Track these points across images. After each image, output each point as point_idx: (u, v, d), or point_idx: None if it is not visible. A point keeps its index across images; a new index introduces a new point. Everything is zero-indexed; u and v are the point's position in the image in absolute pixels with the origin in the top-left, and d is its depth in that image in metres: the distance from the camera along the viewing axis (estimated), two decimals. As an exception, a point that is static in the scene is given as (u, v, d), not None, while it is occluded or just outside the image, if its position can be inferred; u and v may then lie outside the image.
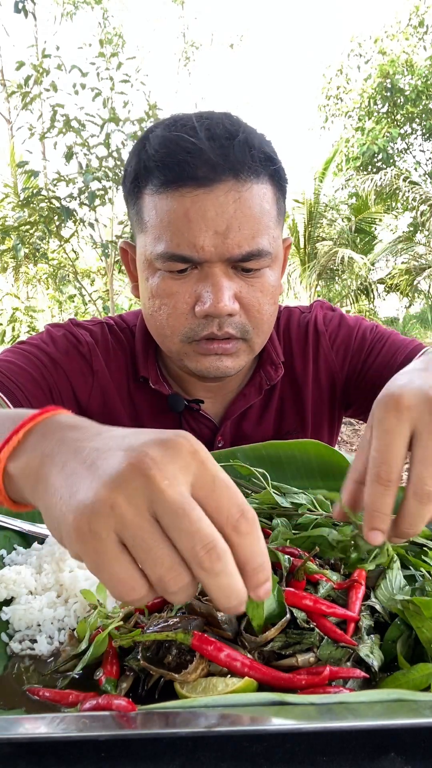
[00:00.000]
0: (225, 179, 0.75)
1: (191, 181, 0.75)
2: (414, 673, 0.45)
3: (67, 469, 0.39)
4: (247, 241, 0.77)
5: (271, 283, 0.84)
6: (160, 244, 0.78)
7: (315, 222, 11.43)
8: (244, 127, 0.79)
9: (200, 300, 0.80)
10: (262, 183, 0.79)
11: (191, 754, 0.41)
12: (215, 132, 0.76)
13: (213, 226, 0.75)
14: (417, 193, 10.71)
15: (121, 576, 0.36)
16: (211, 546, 0.35)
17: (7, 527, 0.74)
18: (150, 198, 0.79)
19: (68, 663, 0.52)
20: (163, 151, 0.77)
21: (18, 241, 5.43)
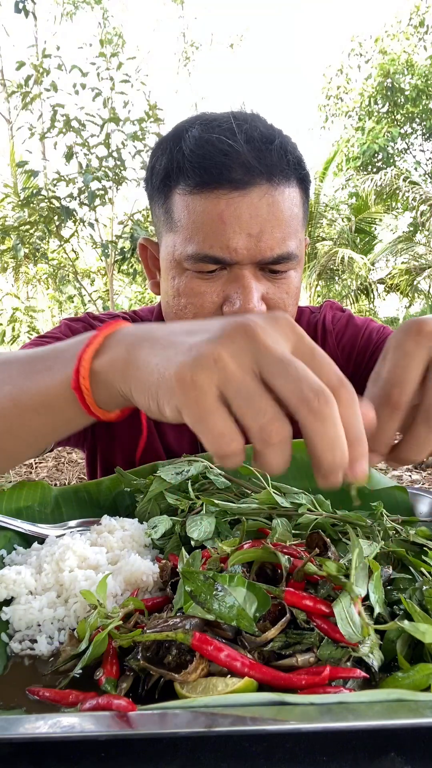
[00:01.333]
0: (259, 183, 0.76)
1: (227, 183, 0.75)
2: (414, 673, 0.45)
3: (160, 342, 0.41)
4: (278, 244, 0.78)
5: (296, 284, 0.86)
6: (192, 245, 0.78)
7: (315, 222, 11.43)
8: (278, 132, 0.81)
9: (229, 300, 0.80)
10: (292, 187, 0.80)
11: (191, 754, 0.41)
12: (253, 135, 0.77)
13: (247, 228, 0.76)
14: (417, 193, 10.71)
15: (220, 427, 0.36)
16: (320, 390, 0.35)
17: (7, 527, 0.74)
18: (182, 198, 0.79)
19: (68, 663, 0.52)
20: (200, 152, 0.77)
21: (18, 241, 5.44)
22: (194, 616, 0.48)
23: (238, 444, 0.37)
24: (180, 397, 0.36)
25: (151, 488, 0.76)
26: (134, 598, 0.58)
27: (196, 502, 0.74)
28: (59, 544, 0.67)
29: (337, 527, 0.72)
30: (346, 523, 0.72)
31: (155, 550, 0.72)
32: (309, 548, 0.62)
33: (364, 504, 0.79)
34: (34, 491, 0.82)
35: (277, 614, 0.51)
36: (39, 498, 0.82)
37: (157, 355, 0.40)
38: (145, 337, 0.43)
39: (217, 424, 0.36)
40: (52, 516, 0.82)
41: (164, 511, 0.77)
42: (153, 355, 0.40)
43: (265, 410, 0.36)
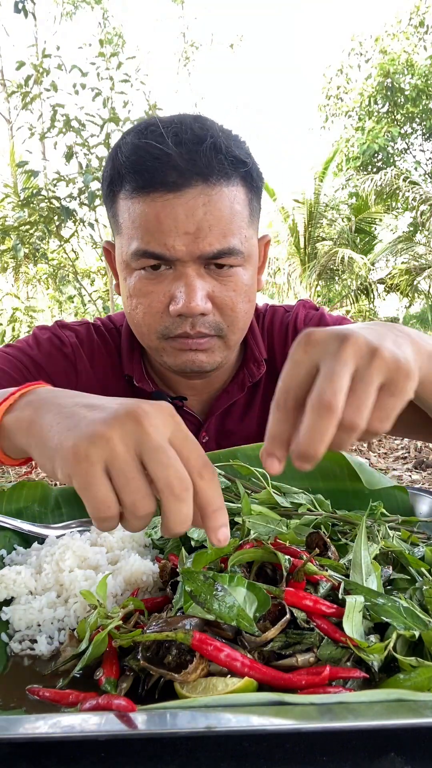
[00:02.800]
0: (194, 183, 0.77)
1: (161, 186, 0.77)
2: (416, 675, 0.45)
3: (63, 412, 0.47)
4: (218, 240, 0.79)
5: (245, 281, 0.86)
6: (134, 243, 0.81)
7: (315, 222, 11.43)
8: (213, 131, 0.80)
9: (174, 300, 0.82)
10: (233, 185, 0.80)
11: (191, 754, 0.41)
12: (183, 138, 0.78)
13: (183, 227, 0.78)
14: (417, 193, 10.70)
15: (102, 496, 0.42)
16: (183, 478, 0.43)
17: (7, 527, 0.74)
18: (123, 202, 0.82)
19: (68, 663, 0.52)
20: (134, 158, 0.79)
21: (18, 241, 5.44)
22: (194, 616, 0.48)
23: (114, 511, 0.43)
24: (72, 466, 0.42)
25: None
26: (134, 598, 0.58)
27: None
28: (59, 544, 0.67)
29: (337, 527, 0.72)
30: (347, 523, 0.72)
31: (155, 550, 0.72)
32: (309, 548, 0.62)
33: (364, 504, 0.79)
34: (34, 491, 0.82)
35: (277, 614, 0.51)
36: (39, 498, 0.82)
37: (59, 423, 0.46)
38: (52, 403, 0.50)
39: (99, 492, 0.42)
40: (52, 516, 0.82)
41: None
42: (55, 423, 0.46)
43: (139, 488, 0.43)
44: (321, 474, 0.86)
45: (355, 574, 0.56)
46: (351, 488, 0.84)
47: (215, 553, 0.56)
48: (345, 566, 0.59)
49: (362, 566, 0.56)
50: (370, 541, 0.62)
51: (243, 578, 0.51)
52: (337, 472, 0.85)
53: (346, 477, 0.84)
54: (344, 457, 0.83)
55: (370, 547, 0.59)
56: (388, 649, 0.47)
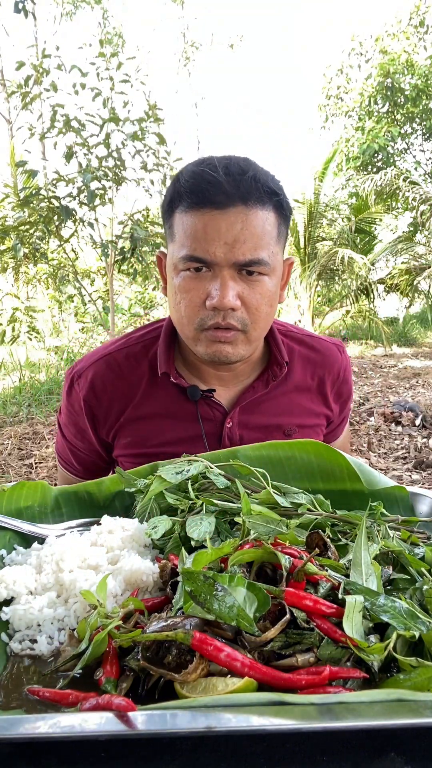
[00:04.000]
0: (236, 204, 0.97)
1: (210, 204, 0.97)
2: (416, 675, 0.45)
3: None
4: (249, 251, 0.98)
5: (269, 288, 1.04)
6: (183, 249, 1.00)
7: (315, 222, 11.42)
8: (254, 167, 1.02)
9: (210, 296, 1.00)
10: (267, 210, 1.00)
11: (191, 754, 0.41)
12: (231, 169, 0.99)
13: (224, 238, 0.97)
14: (417, 193, 10.69)
15: None
16: None
17: (7, 527, 0.74)
18: (179, 216, 1.02)
19: (68, 663, 0.52)
20: (192, 181, 0.99)
21: (18, 241, 5.43)
22: (194, 616, 0.48)
23: None
24: None
25: (151, 488, 0.76)
26: (134, 598, 0.58)
27: (196, 502, 0.74)
28: (59, 544, 0.67)
29: (337, 527, 0.72)
30: (347, 523, 0.72)
31: (155, 550, 0.72)
32: (309, 548, 0.62)
33: (364, 504, 0.79)
34: (34, 491, 0.82)
35: (277, 614, 0.51)
36: (39, 498, 0.82)
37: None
38: None
39: None
40: (52, 516, 0.82)
41: (164, 511, 0.77)
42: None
43: None
44: (321, 474, 0.86)
45: (355, 574, 0.56)
46: (351, 488, 0.84)
47: (215, 553, 0.56)
48: (345, 566, 0.59)
49: (362, 566, 0.56)
50: (370, 541, 0.62)
51: (243, 578, 0.51)
52: (337, 472, 0.85)
53: (346, 477, 0.84)
54: (344, 457, 0.83)
55: (370, 547, 0.59)
56: (388, 649, 0.47)
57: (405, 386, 7.02)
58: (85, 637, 0.52)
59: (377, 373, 7.67)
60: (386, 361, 8.96)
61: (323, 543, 0.62)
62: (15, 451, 4.49)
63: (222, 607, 0.48)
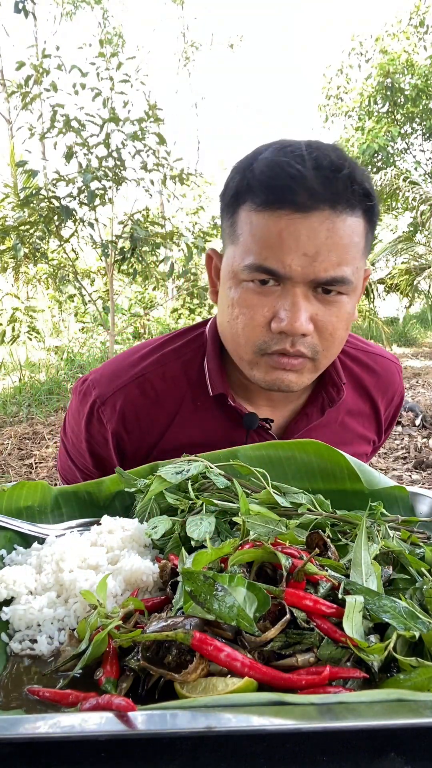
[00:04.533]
0: (322, 208, 0.78)
1: (290, 205, 0.78)
2: (416, 675, 0.45)
3: None
4: (333, 267, 0.81)
5: (347, 310, 0.88)
6: (249, 256, 0.83)
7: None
8: (349, 162, 0.82)
9: (277, 316, 0.83)
10: (356, 216, 0.82)
11: (191, 754, 0.41)
12: (322, 163, 0.79)
13: (303, 248, 0.79)
14: (417, 193, 10.69)
15: None
16: None
17: (7, 527, 0.74)
18: (247, 214, 0.83)
19: (68, 663, 0.52)
20: (269, 173, 0.80)
21: (18, 241, 5.43)
22: (194, 616, 0.48)
23: None
24: None
25: (151, 488, 0.76)
26: (134, 598, 0.58)
27: (196, 502, 0.74)
28: (59, 544, 0.67)
29: (337, 527, 0.72)
30: (347, 523, 0.72)
31: (155, 550, 0.71)
32: (309, 548, 0.62)
33: (364, 504, 0.79)
34: (34, 491, 0.82)
35: (277, 614, 0.51)
36: (39, 498, 0.82)
37: None
38: None
39: None
40: (52, 516, 0.82)
41: (164, 511, 0.77)
42: None
43: None
44: (321, 474, 0.86)
45: (355, 574, 0.56)
46: (351, 488, 0.84)
47: (215, 553, 0.56)
48: (345, 566, 0.59)
49: (362, 566, 0.56)
50: (370, 541, 0.62)
51: (243, 578, 0.51)
52: (337, 472, 0.85)
53: (346, 477, 0.84)
54: (344, 457, 0.83)
55: (370, 547, 0.59)
56: (388, 649, 0.47)
57: (405, 386, 7.02)
58: (85, 637, 0.52)
59: (377, 373, 7.65)
60: (386, 361, 8.94)
61: (323, 543, 0.62)
62: (15, 451, 4.49)
63: (222, 607, 0.48)
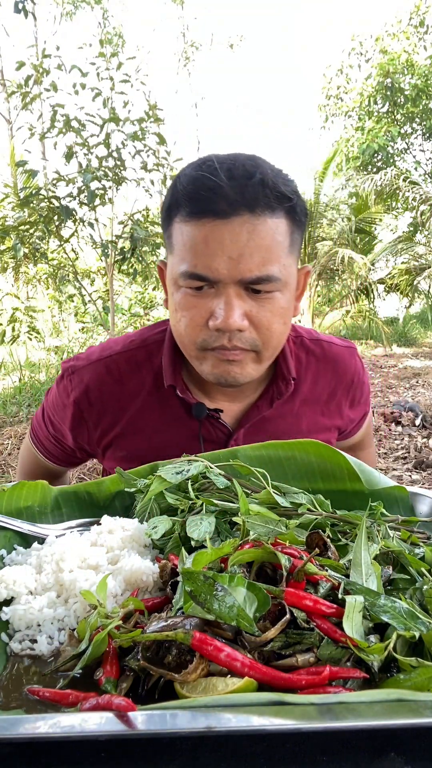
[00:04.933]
0: (241, 213, 0.85)
1: (211, 213, 0.86)
2: (416, 675, 0.45)
3: None
4: (258, 267, 0.87)
5: (282, 305, 0.93)
6: (183, 264, 0.90)
7: (315, 222, 11.42)
8: (263, 169, 0.89)
9: (213, 315, 0.91)
10: (277, 218, 0.88)
11: (191, 754, 0.41)
12: (235, 173, 0.87)
13: (227, 252, 0.86)
14: (417, 193, 10.69)
15: None
16: None
17: (7, 527, 0.74)
18: (178, 225, 0.92)
19: (68, 663, 0.52)
20: (190, 188, 0.89)
21: (18, 241, 5.43)
22: (194, 616, 0.48)
23: None
24: None
25: (151, 488, 0.76)
26: (134, 598, 0.58)
27: (196, 502, 0.74)
28: (59, 544, 0.67)
29: (337, 527, 0.72)
30: (347, 523, 0.72)
31: (155, 550, 0.72)
32: (309, 548, 0.62)
33: (364, 504, 0.79)
34: (34, 491, 0.82)
35: (277, 614, 0.51)
36: (39, 498, 0.82)
37: None
38: None
39: None
40: (52, 516, 0.82)
41: (164, 511, 0.77)
42: None
43: None
44: (321, 474, 0.86)
45: (355, 574, 0.56)
46: (351, 488, 0.84)
47: (215, 553, 0.57)
48: (345, 566, 0.59)
49: (362, 566, 0.56)
50: (370, 541, 0.62)
51: (243, 578, 0.51)
52: (337, 472, 0.85)
53: (346, 477, 0.84)
54: (344, 457, 0.83)
55: (370, 548, 0.59)
56: (388, 649, 0.47)
57: (405, 386, 7.02)
58: (85, 637, 0.52)
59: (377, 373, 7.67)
60: (386, 361, 8.96)
61: (323, 543, 0.62)
62: (15, 451, 4.49)
63: (222, 607, 0.48)
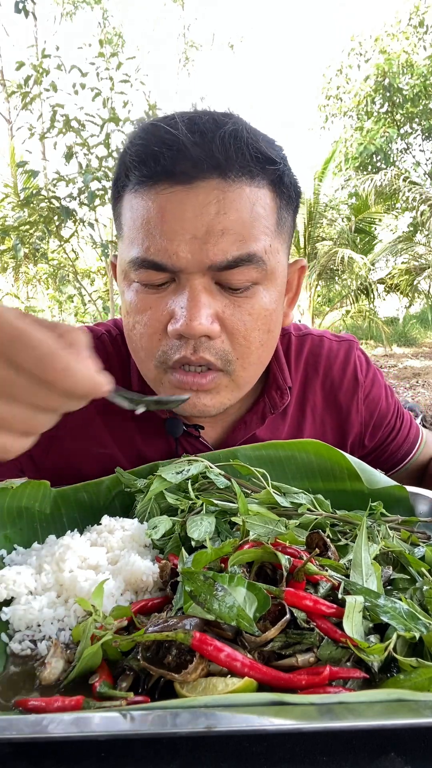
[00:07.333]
0: (208, 177, 0.64)
1: (167, 176, 0.65)
2: (416, 675, 0.45)
3: None
4: (233, 245, 0.66)
5: (264, 304, 0.71)
6: (134, 248, 0.68)
7: (315, 222, 11.44)
8: (235, 120, 0.67)
9: (174, 317, 0.68)
10: (258, 186, 0.67)
11: (191, 754, 0.41)
12: (198, 124, 0.65)
13: (191, 229, 0.64)
14: (417, 193, 10.70)
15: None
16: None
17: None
18: (128, 198, 0.70)
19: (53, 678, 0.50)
20: (139, 143, 0.67)
21: (18, 241, 5.44)
22: (194, 616, 0.48)
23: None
24: None
25: (151, 488, 0.76)
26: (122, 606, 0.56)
27: (196, 502, 0.74)
28: (59, 544, 0.67)
29: (337, 527, 0.72)
30: (347, 523, 0.72)
31: (155, 550, 0.71)
32: (309, 548, 0.62)
33: (364, 504, 0.79)
34: (37, 491, 0.82)
35: (277, 614, 0.51)
36: (40, 498, 0.82)
37: None
38: None
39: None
40: (51, 516, 0.82)
41: (164, 511, 0.77)
42: None
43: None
44: (321, 474, 0.86)
45: (355, 575, 0.56)
46: (351, 488, 0.84)
47: (215, 553, 0.56)
48: (345, 566, 0.59)
49: (362, 566, 0.56)
50: (371, 541, 0.62)
51: (243, 578, 0.51)
52: (337, 472, 0.85)
53: (346, 477, 0.84)
54: (344, 457, 0.83)
55: (371, 548, 0.59)
56: (388, 649, 0.47)
57: (405, 386, 7.02)
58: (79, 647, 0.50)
59: (377, 373, 7.67)
60: (386, 361, 8.97)
61: (323, 543, 0.62)
62: (15, 451, 4.49)
63: (222, 607, 0.48)
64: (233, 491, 0.78)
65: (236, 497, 0.76)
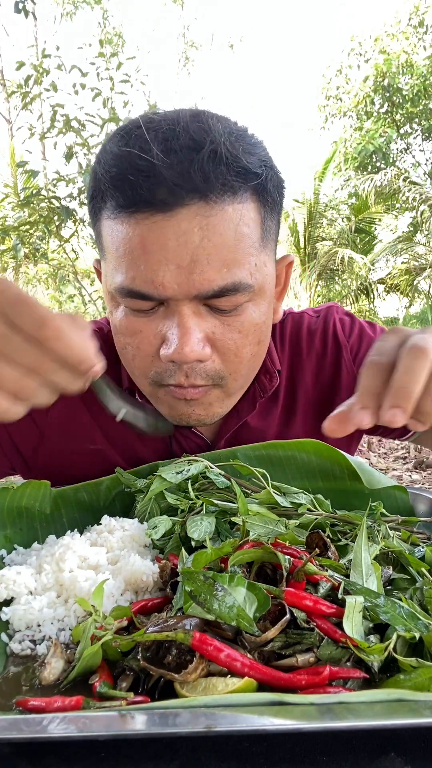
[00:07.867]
0: (189, 202, 0.62)
1: (146, 205, 0.63)
2: (417, 675, 0.45)
3: None
4: (219, 275, 0.65)
5: (254, 320, 0.71)
6: (118, 275, 0.68)
7: (315, 222, 11.43)
8: (214, 134, 0.63)
9: (166, 341, 0.69)
10: (241, 201, 0.65)
11: (191, 754, 0.41)
12: (174, 145, 0.62)
13: (174, 259, 0.63)
14: (417, 193, 10.70)
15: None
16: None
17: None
18: (106, 222, 0.69)
19: (60, 674, 0.51)
20: (114, 171, 0.65)
21: (18, 241, 5.44)
22: (194, 616, 0.48)
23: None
24: None
25: (151, 488, 0.76)
26: (122, 606, 0.56)
27: (196, 502, 0.74)
28: (59, 544, 0.67)
29: (337, 527, 0.72)
30: (347, 523, 0.72)
31: (155, 550, 0.71)
32: (309, 548, 0.62)
33: (363, 504, 0.79)
34: (37, 491, 0.82)
35: (277, 614, 0.51)
36: (40, 498, 0.82)
37: None
38: None
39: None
40: (51, 516, 0.82)
41: (164, 511, 0.77)
42: None
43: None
44: (321, 474, 0.86)
45: (355, 575, 0.56)
46: (351, 488, 0.84)
47: (215, 553, 0.56)
48: (345, 566, 0.59)
49: (362, 566, 0.56)
50: (371, 541, 0.62)
51: (243, 578, 0.51)
52: (337, 472, 0.85)
53: (346, 477, 0.84)
54: (344, 457, 0.83)
55: (371, 548, 0.59)
56: (388, 649, 0.47)
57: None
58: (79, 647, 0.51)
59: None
60: (386, 361, 8.94)
61: (323, 543, 0.62)
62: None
63: (222, 607, 0.48)
64: (233, 491, 0.78)
65: (236, 497, 0.76)
